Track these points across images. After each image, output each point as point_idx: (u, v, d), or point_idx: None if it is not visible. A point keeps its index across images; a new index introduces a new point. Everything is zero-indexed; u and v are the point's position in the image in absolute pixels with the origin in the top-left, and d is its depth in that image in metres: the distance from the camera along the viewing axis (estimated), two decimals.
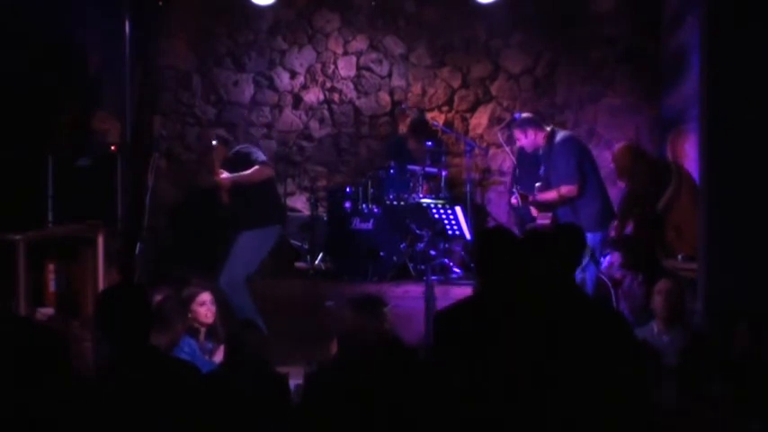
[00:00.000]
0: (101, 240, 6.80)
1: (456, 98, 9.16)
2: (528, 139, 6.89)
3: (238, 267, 6.84)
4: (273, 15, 9.16)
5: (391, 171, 8.24)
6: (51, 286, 6.53)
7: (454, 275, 8.04)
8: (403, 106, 9.04)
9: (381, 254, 8.05)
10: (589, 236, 6.44)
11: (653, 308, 5.57)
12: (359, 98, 9.26)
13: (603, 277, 7.10)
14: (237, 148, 7.15)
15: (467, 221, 7.40)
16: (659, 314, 5.47)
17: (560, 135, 6.91)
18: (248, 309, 6.66)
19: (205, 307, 5.41)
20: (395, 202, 8.15)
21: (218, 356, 5.14)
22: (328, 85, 9.28)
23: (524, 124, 6.94)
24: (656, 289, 5.58)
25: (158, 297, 5.47)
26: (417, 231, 7.97)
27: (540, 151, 6.89)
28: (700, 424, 3.43)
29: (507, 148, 8.40)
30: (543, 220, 6.97)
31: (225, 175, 6.85)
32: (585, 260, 6.42)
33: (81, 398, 3.21)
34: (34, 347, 3.34)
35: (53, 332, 3.59)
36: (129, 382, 3.21)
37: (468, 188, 8.36)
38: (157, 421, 3.12)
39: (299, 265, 8.50)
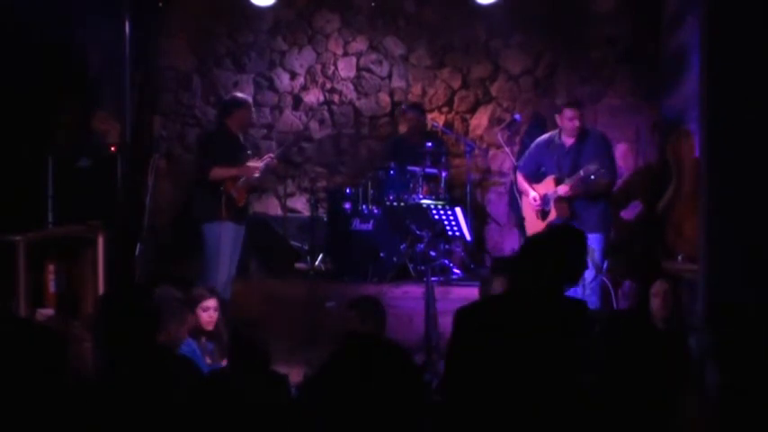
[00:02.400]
0: (101, 241, 6.81)
1: (456, 99, 9.16)
2: (576, 124, 6.75)
3: None
4: (273, 16, 9.16)
5: (391, 172, 8.24)
6: (51, 287, 6.53)
7: (454, 276, 8.04)
8: (403, 107, 9.04)
9: (381, 255, 8.05)
10: (591, 237, 6.43)
11: (651, 309, 5.57)
12: (359, 99, 9.26)
13: (604, 278, 7.09)
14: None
15: (467, 222, 7.39)
16: (657, 315, 5.47)
17: (593, 129, 6.86)
18: None
19: (207, 313, 5.39)
20: (395, 203, 8.14)
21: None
22: (328, 85, 9.28)
23: (580, 106, 6.84)
24: (652, 291, 5.58)
25: (160, 296, 5.46)
26: (417, 232, 7.97)
27: (570, 141, 6.74)
28: (700, 423, 3.43)
29: (507, 149, 8.39)
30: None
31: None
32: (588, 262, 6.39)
33: (80, 398, 3.20)
34: (33, 348, 3.34)
35: (52, 332, 3.58)
36: (129, 381, 3.21)
37: (468, 189, 8.36)
38: (157, 421, 3.11)
39: (299, 265, 8.50)
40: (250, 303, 7.44)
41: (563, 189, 6.69)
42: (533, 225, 7.02)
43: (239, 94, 7.52)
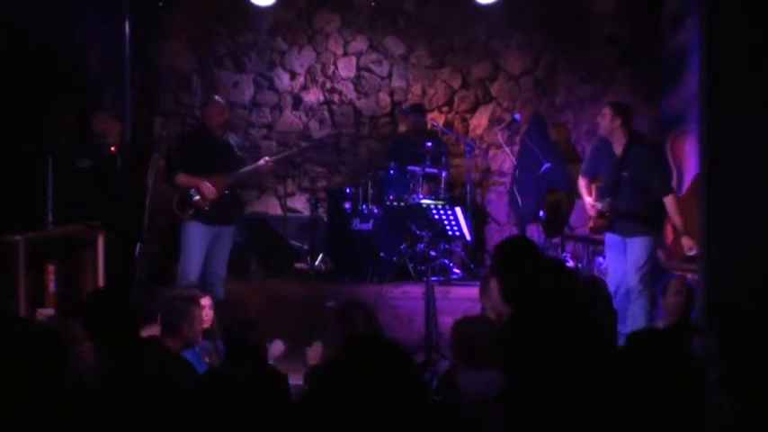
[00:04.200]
0: (101, 241, 6.81)
1: (456, 99, 9.16)
2: (606, 122, 6.58)
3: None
4: (273, 16, 9.16)
5: (391, 172, 8.24)
6: (51, 286, 6.53)
7: (454, 276, 8.04)
8: (403, 108, 9.04)
9: (381, 254, 8.05)
10: (635, 241, 6.43)
11: (665, 307, 5.53)
12: (359, 99, 9.26)
13: (603, 276, 7.09)
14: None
15: (467, 222, 7.40)
16: (674, 314, 5.42)
17: (643, 139, 6.72)
18: None
19: (203, 311, 5.37)
20: (395, 203, 8.14)
21: None
22: (328, 85, 9.28)
23: (619, 108, 6.68)
24: (673, 290, 5.52)
25: (165, 300, 5.44)
26: (417, 232, 7.97)
27: (619, 150, 6.59)
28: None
29: (507, 149, 8.39)
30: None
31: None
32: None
33: (79, 399, 3.20)
34: (32, 348, 3.34)
35: (52, 332, 3.58)
36: (127, 382, 3.21)
37: (468, 189, 8.36)
38: (156, 421, 3.11)
39: (299, 265, 8.49)
40: (250, 303, 7.44)
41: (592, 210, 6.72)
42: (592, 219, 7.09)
43: (214, 96, 7.61)
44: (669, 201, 6.51)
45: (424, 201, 7.92)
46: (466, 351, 4.37)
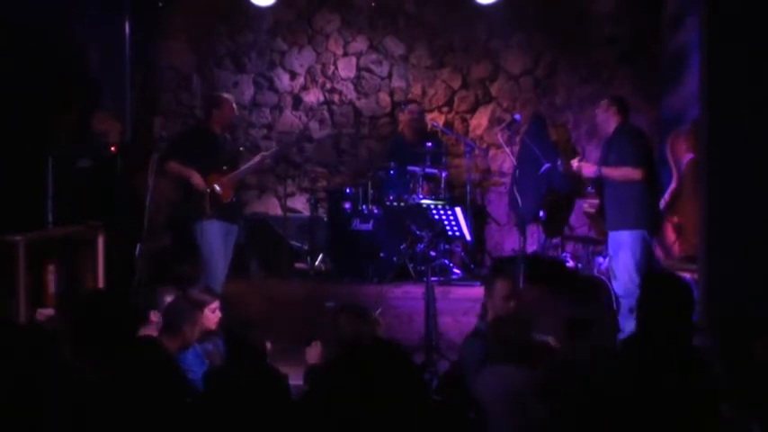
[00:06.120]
0: (101, 241, 6.81)
1: (456, 99, 9.16)
2: (601, 110, 6.75)
3: None
4: (273, 16, 9.16)
5: (391, 172, 8.23)
6: (51, 286, 6.53)
7: (454, 276, 8.04)
8: (403, 106, 9.04)
9: (381, 255, 8.04)
10: (616, 235, 6.41)
11: None
12: (359, 99, 9.26)
13: (603, 276, 7.09)
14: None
15: (467, 222, 7.39)
16: None
17: (628, 125, 6.79)
18: None
19: (215, 314, 5.39)
20: (395, 203, 8.14)
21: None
22: (328, 85, 9.27)
23: (614, 98, 6.85)
24: None
25: (168, 299, 5.44)
26: (417, 232, 7.96)
27: (610, 137, 6.72)
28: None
29: (507, 149, 8.39)
30: (590, 209, 6.92)
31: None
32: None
33: (77, 399, 3.20)
34: (31, 348, 3.34)
35: (49, 333, 3.58)
36: (124, 381, 3.21)
37: (468, 189, 8.35)
38: (155, 420, 3.11)
39: (298, 265, 8.49)
40: (250, 303, 7.44)
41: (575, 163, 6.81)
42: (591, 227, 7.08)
43: (221, 94, 7.54)
44: (628, 170, 6.48)
45: (424, 201, 7.92)
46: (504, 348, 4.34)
